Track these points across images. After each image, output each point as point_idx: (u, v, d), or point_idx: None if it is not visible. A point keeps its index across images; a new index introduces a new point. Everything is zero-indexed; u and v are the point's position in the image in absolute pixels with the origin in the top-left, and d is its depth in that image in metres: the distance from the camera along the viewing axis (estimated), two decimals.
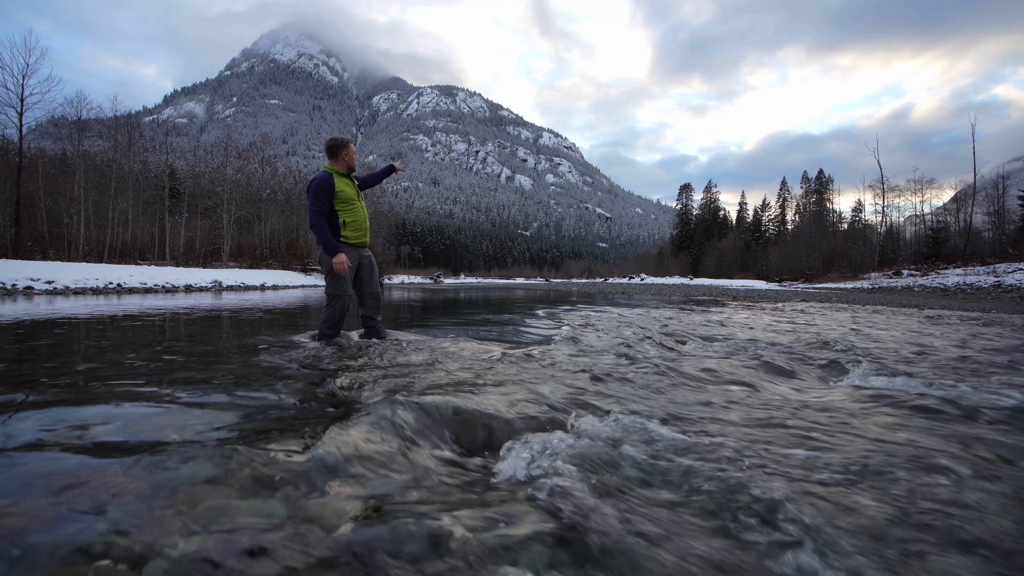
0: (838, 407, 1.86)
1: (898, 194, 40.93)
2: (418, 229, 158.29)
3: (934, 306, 11.42)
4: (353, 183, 3.35)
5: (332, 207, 3.24)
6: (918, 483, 1.12)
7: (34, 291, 12.87)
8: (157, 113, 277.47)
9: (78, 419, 1.49)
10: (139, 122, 35.48)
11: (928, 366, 2.89)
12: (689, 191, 76.84)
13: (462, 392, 1.76)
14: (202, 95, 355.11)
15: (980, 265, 26.87)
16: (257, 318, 6.16)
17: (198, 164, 36.25)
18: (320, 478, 1.06)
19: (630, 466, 1.22)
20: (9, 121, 22.78)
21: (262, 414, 1.61)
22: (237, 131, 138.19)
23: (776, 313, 8.05)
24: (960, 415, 1.74)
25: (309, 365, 2.57)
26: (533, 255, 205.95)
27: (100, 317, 5.87)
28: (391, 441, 1.30)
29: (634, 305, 10.20)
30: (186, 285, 17.64)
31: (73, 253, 24.72)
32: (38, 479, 1.02)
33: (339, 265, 3.16)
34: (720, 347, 3.64)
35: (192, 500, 0.93)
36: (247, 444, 1.23)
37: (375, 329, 3.48)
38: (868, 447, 1.37)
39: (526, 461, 1.21)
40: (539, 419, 1.57)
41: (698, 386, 2.22)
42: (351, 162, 3.30)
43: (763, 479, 1.11)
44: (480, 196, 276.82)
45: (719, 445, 1.35)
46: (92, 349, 3.29)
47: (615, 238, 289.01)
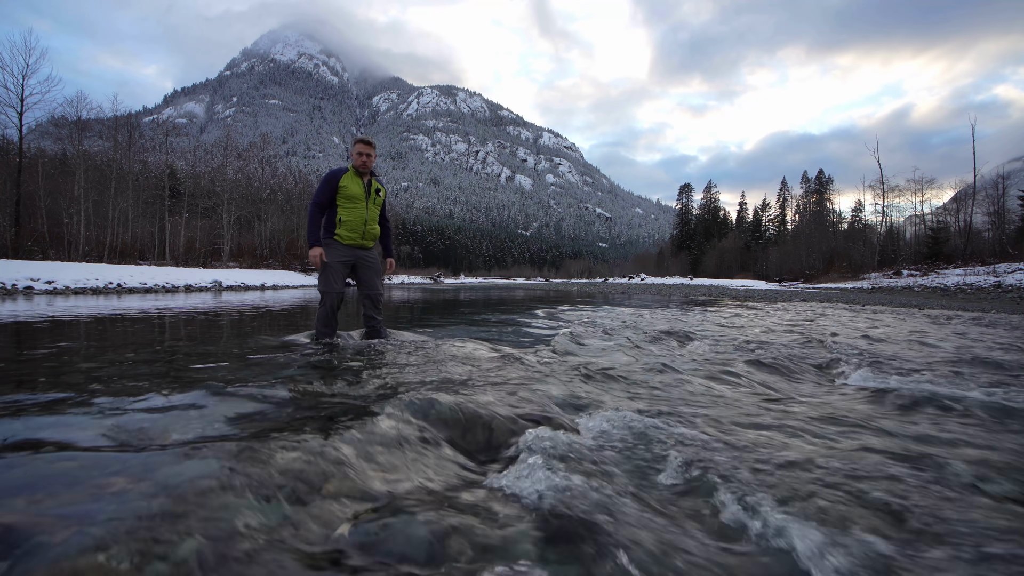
0: (838, 406, 1.86)
1: (898, 194, 40.96)
2: (418, 229, 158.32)
3: (934, 306, 11.41)
4: (368, 184, 3.34)
5: (333, 201, 3.27)
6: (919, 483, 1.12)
7: (34, 291, 12.87)
8: (157, 113, 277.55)
9: (78, 419, 1.49)
10: (139, 122, 35.52)
11: (930, 365, 2.89)
12: (689, 191, 76.84)
13: (462, 392, 1.76)
14: (202, 95, 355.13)
15: (980, 265, 26.86)
16: (257, 318, 6.15)
17: (198, 164, 36.27)
18: (318, 478, 1.05)
19: (629, 465, 1.21)
20: (9, 121, 22.82)
21: (260, 414, 1.61)
22: (237, 131, 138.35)
23: (776, 313, 8.05)
24: (962, 412, 1.74)
25: (308, 364, 2.57)
26: (533, 255, 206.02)
27: (100, 317, 5.87)
28: (390, 440, 1.29)
29: (634, 305, 10.19)
30: (186, 285, 17.64)
31: (73, 253, 24.72)
32: (38, 478, 1.02)
33: (312, 258, 3.24)
34: (720, 347, 3.63)
35: (192, 500, 0.93)
36: (245, 444, 1.22)
37: (376, 329, 3.48)
38: (856, 444, 1.37)
39: (526, 460, 1.21)
40: (539, 418, 1.57)
41: (698, 386, 2.21)
42: (355, 160, 3.30)
43: (759, 478, 1.11)
44: (480, 196, 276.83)
45: (719, 445, 1.35)
46: (92, 349, 3.29)
47: (615, 238, 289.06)
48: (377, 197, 3.40)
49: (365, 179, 3.34)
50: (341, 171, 3.28)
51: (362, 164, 3.29)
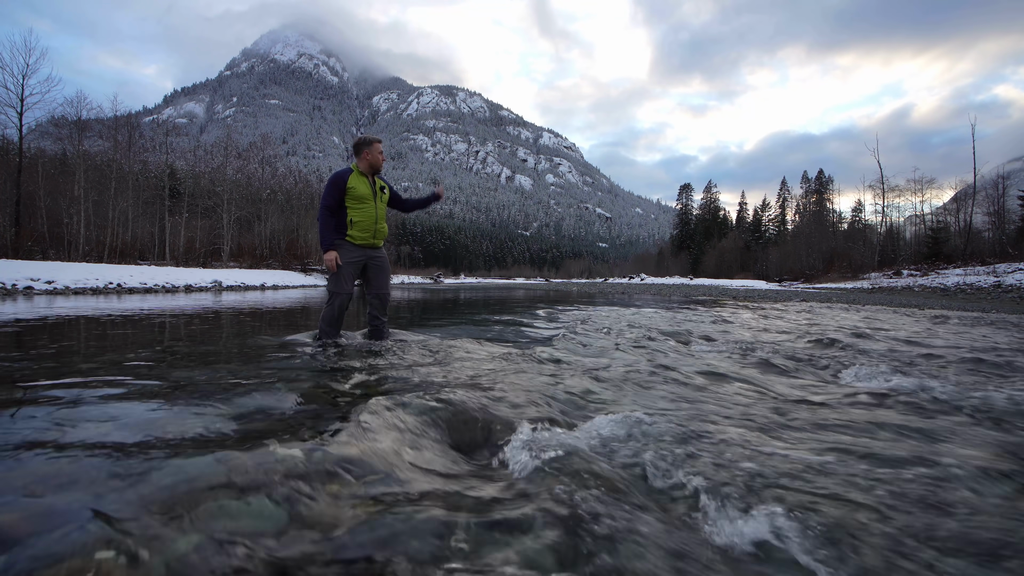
0: (838, 406, 1.86)
1: (898, 194, 40.94)
2: (418, 229, 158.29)
3: (934, 306, 11.41)
4: (373, 183, 3.34)
5: (342, 203, 3.26)
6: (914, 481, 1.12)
7: (34, 291, 12.87)
8: (157, 113, 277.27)
9: (78, 418, 1.49)
10: (139, 122, 35.47)
11: (931, 365, 2.89)
12: (689, 191, 76.83)
13: (462, 391, 1.76)
14: (202, 95, 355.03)
15: (980, 265, 26.85)
16: (257, 318, 6.15)
17: (198, 164, 36.23)
18: (320, 477, 1.05)
19: (628, 463, 1.21)
20: (9, 121, 22.79)
21: (262, 414, 1.61)
22: (237, 131, 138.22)
23: (777, 313, 8.05)
24: (954, 411, 1.74)
25: (309, 365, 2.57)
26: (533, 255, 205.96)
27: (100, 317, 5.87)
28: (391, 440, 1.29)
29: (634, 305, 10.19)
30: (186, 285, 17.64)
31: (73, 253, 24.71)
32: (38, 478, 1.02)
33: (328, 262, 3.24)
34: (720, 346, 3.63)
35: (192, 500, 0.93)
36: (247, 443, 1.22)
37: (379, 329, 3.47)
38: (850, 440, 1.37)
39: (525, 460, 1.21)
40: (539, 418, 1.57)
41: (698, 385, 2.21)
42: (373, 161, 3.30)
43: (752, 477, 1.11)
44: (480, 196, 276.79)
45: (718, 443, 1.35)
46: (92, 349, 3.29)
47: (615, 238, 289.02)
48: (383, 195, 3.42)
49: (370, 178, 3.34)
50: (346, 172, 3.27)
51: (380, 164, 3.32)
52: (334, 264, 3.23)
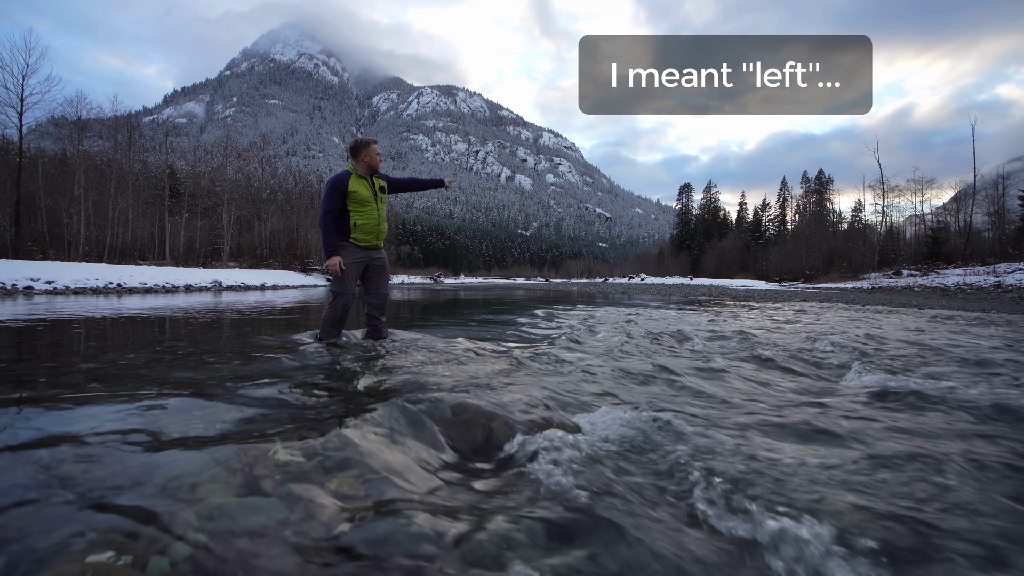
0: (837, 406, 1.86)
1: (898, 194, 40.91)
2: (418, 229, 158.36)
3: (934, 306, 11.41)
4: (372, 184, 3.35)
5: (344, 206, 3.26)
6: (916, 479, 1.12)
7: (34, 291, 12.87)
8: (157, 113, 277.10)
9: (78, 418, 1.49)
10: (139, 122, 35.47)
11: (931, 365, 2.89)
12: (689, 191, 76.80)
13: (462, 392, 1.76)
14: (202, 95, 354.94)
15: (980, 265, 26.84)
16: (257, 318, 6.15)
17: (198, 164, 36.23)
18: (320, 477, 1.05)
19: (628, 463, 1.21)
20: (9, 121, 22.76)
21: (262, 414, 1.61)
22: (237, 131, 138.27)
23: (777, 313, 8.05)
24: (955, 409, 1.74)
25: (310, 365, 2.57)
26: (533, 255, 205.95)
27: (100, 317, 5.87)
28: (391, 440, 1.30)
29: (634, 305, 10.19)
30: (186, 285, 17.64)
31: (73, 253, 24.70)
32: (41, 476, 1.02)
33: (333, 267, 3.23)
34: (721, 346, 3.63)
35: (193, 499, 0.93)
36: (248, 443, 1.22)
37: (378, 329, 3.48)
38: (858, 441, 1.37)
39: (525, 460, 1.21)
40: (538, 418, 1.57)
41: (698, 385, 2.21)
42: (372, 162, 3.31)
43: (749, 476, 1.11)
44: (480, 196, 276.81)
45: (719, 443, 1.35)
46: (92, 349, 3.29)
47: (615, 238, 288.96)
48: (382, 194, 3.42)
49: (369, 179, 3.34)
50: (345, 176, 3.26)
51: (377, 164, 3.34)
52: (338, 269, 3.24)
